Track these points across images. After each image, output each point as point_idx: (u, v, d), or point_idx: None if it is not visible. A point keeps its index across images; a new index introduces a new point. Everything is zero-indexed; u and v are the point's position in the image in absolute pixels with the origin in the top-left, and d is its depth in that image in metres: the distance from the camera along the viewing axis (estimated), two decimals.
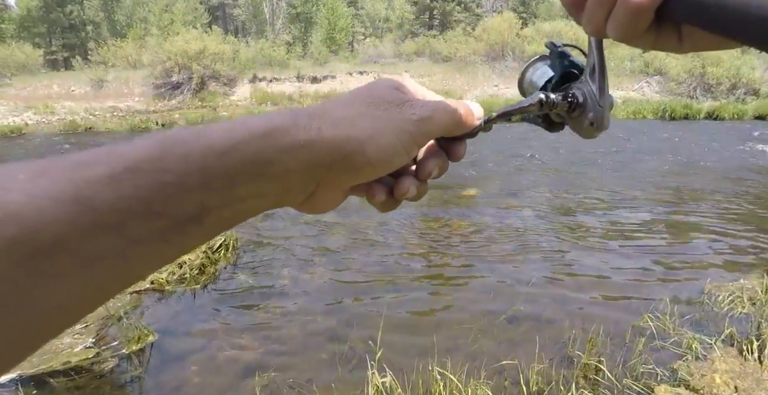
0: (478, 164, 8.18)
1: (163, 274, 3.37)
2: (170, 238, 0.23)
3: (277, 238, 4.43)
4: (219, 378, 2.55)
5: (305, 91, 17.42)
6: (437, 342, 2.86)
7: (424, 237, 4.60)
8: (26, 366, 2.54)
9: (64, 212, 0.20)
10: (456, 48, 26.73)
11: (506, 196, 6.13)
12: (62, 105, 15.47)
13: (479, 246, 4.39)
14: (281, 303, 3.28)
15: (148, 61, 18.50)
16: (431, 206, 5.62)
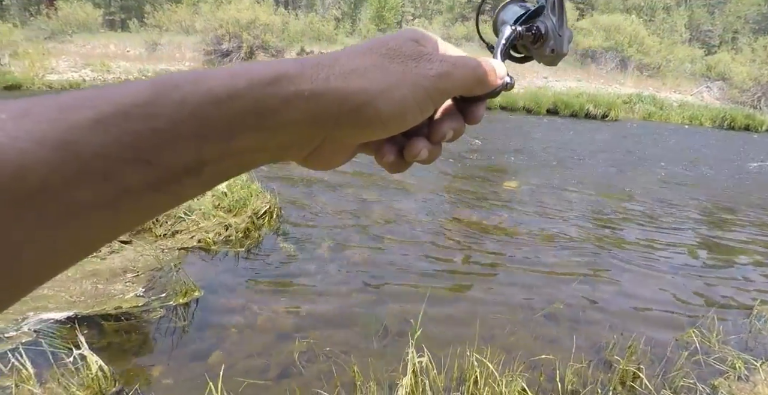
0: (521, 154, 7.99)
1: (210, 234, 3.47)
2: (164, 188, 0.22)
3: (318, 211, 4.48)
4: (257, 339, 2.63)
5: None
6: (473, 329, 2.85)
7: (464, 225, 4.55)
8: (82, 307, 2.68)
9: (49, 157, 0.18)
10: None
11: (549, 192, 5.98)
12: (118, 64, 15.95)
13: (519, 240, 4.32)
14: (319, 274, 3.33)
15: (200, 27, 18.76)
16: (472, 195, 5.54)
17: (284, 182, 5.19)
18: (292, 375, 2.37)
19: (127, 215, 0.21)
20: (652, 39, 25.72)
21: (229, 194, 3.78)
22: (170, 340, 2.57)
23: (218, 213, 3.62)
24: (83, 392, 2.09)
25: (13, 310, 2.68)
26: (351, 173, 5.86)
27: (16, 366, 2.17)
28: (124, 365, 2.35)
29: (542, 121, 12.31)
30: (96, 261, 3.10)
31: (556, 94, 14.69)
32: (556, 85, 18.41)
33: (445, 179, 6.16)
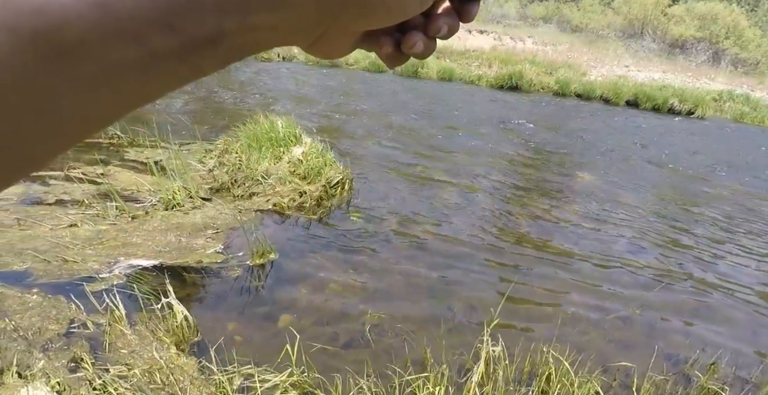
0: (596, 146, 7.54)
1: (285, 199, 3.52)
2: (186, 57, 0.23)
3: (387, 186, 4.44)
4: (326, 307, 2.66)
5: None
6: (546, 324, 2.75)
7: (536, 213, 4.36)
8: (167, 257, 2.81)
9: (87, 14, 0.19)
10: (589, 18, 24.34)
11: (626, 189, 5.61)
12: None
13: (594, 235, 4.09)
14: (387, 250, 3.31)
15: None
16: (545, 183, 5.31)
17: (356, 155, 5.19)
18: (360, 346, 2.39)
19: (152, 83, 0.23)
20: (753, 31, 23.28)
21: (304, 162, 3.81)
22: (244, 298, 2.65)
23: (294, 179, 3.66)
24: (169, 338, 2.20)
25: (105, 254, 2.85)
26: (420, 154, 5.77)
27: (110, 307, 2.32)
28: (201, 317, 2.45)
29: (620, 112, 11.53)
30: (179, 215, 3.24)
31: (638, 85, 13.67)
32: (638, 75, 17.15)
33: (518, 164, 5.92)
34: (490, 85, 12.21)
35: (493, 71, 13.28)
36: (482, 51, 16.77)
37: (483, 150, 6.34)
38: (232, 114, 6.68)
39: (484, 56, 15.82)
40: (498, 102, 10.45)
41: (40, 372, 1.96)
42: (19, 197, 3.60)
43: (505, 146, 6.74)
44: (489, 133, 7.44)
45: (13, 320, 2.36)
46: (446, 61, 14.10)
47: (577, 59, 17.96)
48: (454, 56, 15.63)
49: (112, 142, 4.80)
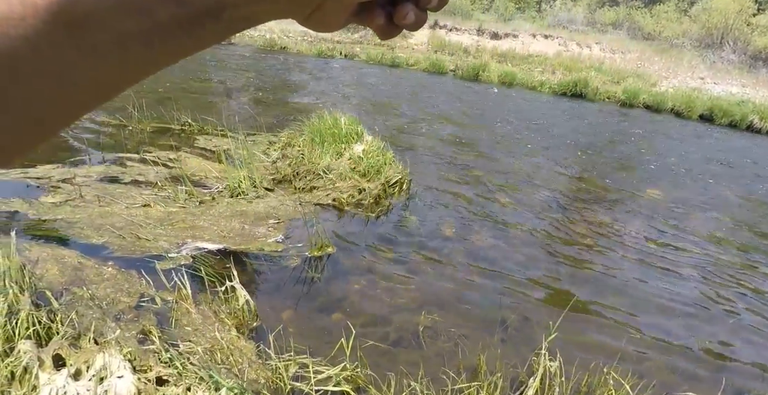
0: (666, 161, 7.11)
1: (344, 195, 3.57)
2: (190, 29, 0.24)
3: (444, 189, 4.40)
4: (378, 305, 2.66)
5: (483, 46, 16.66)
6: (606, 346, 2.62)
7: (599, 227, 4.18)
8: (230, 242, 2.92)
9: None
10: (663, 26, 23.03)
11: (697, 210, 5.25)
12: (265, 24, 16.99)
13: (660, 255, 3.86)
14: (442, 253, 3.28)
15: None
16: (609, 196, 5.07)
17: (412, 156, 5.18)
18: (412, 347, 2.37)
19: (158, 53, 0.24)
20: None
21: (364, 159, 3.84)
22: (301, 289, 2.71)
23: (354, 176, 3.70)
24: (230, 320, 2.29)
25: (174, 235, 3.00)
26: (478, 158, 5.67)
27: (178, 285, 2.43)
28: (259, 303, 2.52)
29: (693, 127, 10.83)
30: (244, 203, 3.36)
31: (713, 99, 12.78)
32: (714, 88, 16.05)
33: (579, 175, 5.70)
34: (552, 92, 11.83)
35: (557, 78, 12.86)
36: (545, 56, 16.29)
37: (543, 158, 6.15)
38: (293, 108, 6.85)
39: (547, 62, 15.37)
40: (561, 110, 10.11)
41: (113, 340, 2.09)
42: (99, 176, 3.86)
43: (566, 156, 6.50)
44: (550, 141, 7.21)
45: (90, 289, 2.54)
46: (508, 65, 13.81)
47: (648, 69, 17.08)
48: (516, 60, 15.27)
49: (184, 129, 5.05)
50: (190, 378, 1.81)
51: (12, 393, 1.88)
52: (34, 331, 2.14)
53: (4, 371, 1.95)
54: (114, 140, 4.69)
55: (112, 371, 1.82)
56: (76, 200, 3.43)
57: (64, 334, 2.11)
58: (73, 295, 2.49)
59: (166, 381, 1.83)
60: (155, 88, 6.80)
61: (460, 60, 13.40)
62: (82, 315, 2.32)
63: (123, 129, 5.00)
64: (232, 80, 8.42)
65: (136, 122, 5.04)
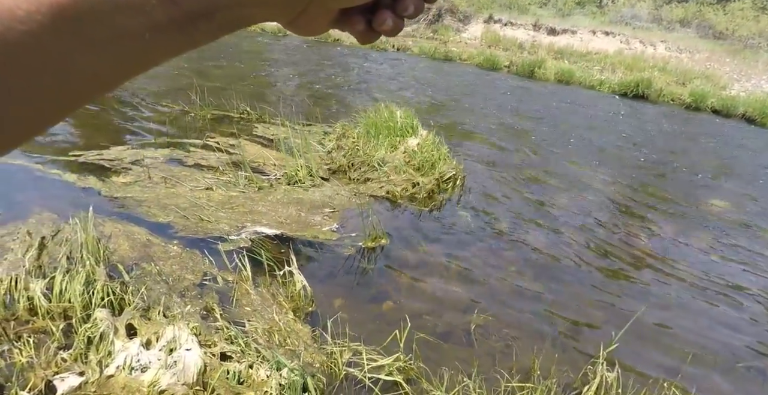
0: (734, 171, 6.67)
1: (398, 188, 3.58)
2: (184, 29, 0.25)
3: (499, 188, 4.33)
4: (429, 299, 2.66)
5: (539, 41, 16.15)
6: (667, 360, 2.50)
7: (659, 236, 3.98)
8: (287, 228, 3.01)
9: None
10: (737, 24, 21.45)
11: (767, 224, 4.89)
12: None
13: (727, 269, 3.63)
14: (494, 252, 3.23)
15: None
16: (670, 205, 4.81)
17: (466, 152, 5.12)
18: (463, 344, 2.36)
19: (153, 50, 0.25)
20: None
21: (419, 154, 3.83)
22: (354, 278, 2.75)
23: (408, 170, 3.71)
24: (287, 304, 2.36)
25: (235, 218, 3.12)
26: (532, 157, 5.53)
27: (239, 266, 2.53)
28: (314, 289, 2.58)
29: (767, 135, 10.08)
30: (300, 191, 3.45)
31: None
32: None
33: (639, 179, 5.45)
34: (612, 92, 11.32)
35: (618, 77, 12.29)
36: (605, 54, 15.60)
37: (600, 159, 5.91)
38: (346, 100, 6.92)
39: (607, 60, 14.72)
40: (620, 111, 9.67)
41: (180, 314, 2.20)
42: (165, 159, 4.06)
43: (625, 159, 6.22)
44: (607, 143, 6.92)
45: (157, 265, 2.68)
46: (565, 62, 13.33)
47: (717, 70, 16.00)
48: (574, 58, 14.71)
49: (242, 117, 5.22)
50: (251, 356, 1.88)
51: (89, 356, 2.03)
52: (109, 301, 2.29)
53: (82, 336, 2.11)
54: (178, 126, 4.92)
55: (181, 343, 1.92)
56: (144, 181, 3.63)
57: (136, 305, 2.25)
58: (143, 270, 2.64)
59: (230, 357, 1.92)
60: (214, 77, 7.06)
61: (514, 56, 13.05)
62: (150, 289, 2.46)
63: (186, 115, 5.22)
64: (287, 71, 8.61)
65: (198, 109, 5.26)
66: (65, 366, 2.02)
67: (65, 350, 2.07)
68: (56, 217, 3.10)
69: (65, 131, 4.62)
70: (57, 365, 2.02)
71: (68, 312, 2.29)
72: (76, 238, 2.73)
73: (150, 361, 1.90)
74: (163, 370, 1.87)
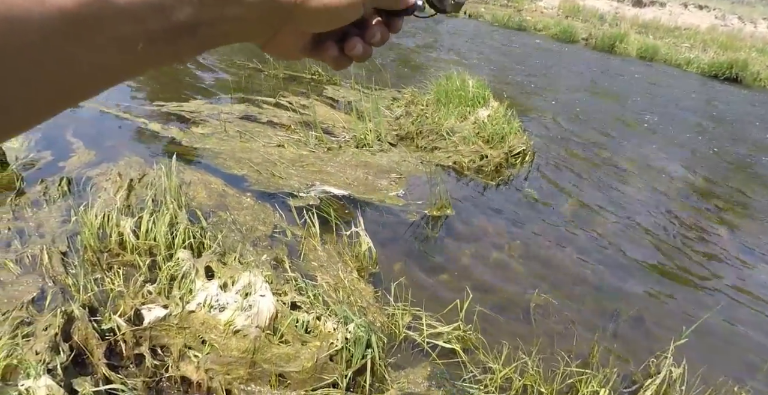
0: None
1: (466, 159, 3.53)
2: (171, 41, 0.28)
3: (569, 166, 4.16)
4: (489, 273, 2.66)
5: (622, 13, 14.94)
6: (735, 365, 2.39)
7: (741, 236, 3.71)
8: (354, 190, 3.06)
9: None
10: None
11: None
12: None
13: None
14: (559, 234, 3.15)
15: None
16: (756, 209, 4.44)
17: (535, 128, 4.93)
18: (520, 321, 2.36)
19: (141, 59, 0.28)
20: None
21: (489, 125, 3.73)
22: (417, 245, 2.78)
23: (477, 141, 3.63)
24: (353, 263, 2.43)
25: (304, 176, 3.21)
26: (605, 138, 5.24)
27: (308, 222, 2.62)
28: (377, 251, 2.64)
29: None
30: (367, 155, 3.48)
31: None
32: None
33: (721, 173, 5.04)
34: (701, 72, 10.36)
35: (708, 56, 11.19)
36: (696, 30, 14.21)
37: (680, 146, 5.51)
38: (414, 66, 6.79)
39: (698, 37, 13.40)
40: (709, 94, 8.87)
41: (254, 262, 2.33)
42: (240, 114, 4.20)
43: (707, 148, 5.76)
44: (690, 128, 6.41)
45: (231, 214, 2.83)
46: (650, 37, 12.28)
47: None
48: (660, 33, 13.51)
49: (313, 77, 5.27)
50: (320, 308, 1.98)
51: (173, 292, 2.21)
52: (189, 244, 2.46)
53: (166, 273, 2.29)
54: (252, 83, 5.04)
55: (255, 289, 2.04)
56: (221, 134, 3.79)
57: (214, 250, 2.40)
58: (219, 217, 2.80)
59: (299, 307, 2.03)
60: None
61: (594, 28, 12.16)
62: (226, 236, 2.61)
63: (260, 73, 5.33)
64: None
65: (272, 67, 5.34)
66: (151, 298, 2.21)
67: (151, 283, 2.26)
68: (142, 161, 3.31)
69: (150, 83, 4.86)
70: (143, 296, 2.21)
71: (153, 250, 2.48)
72: (160, 183, 2.92)
73: (227, 302, 2.04)
74: (239, 312, 2.01)
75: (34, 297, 2.19)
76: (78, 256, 2.40)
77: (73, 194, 2.95)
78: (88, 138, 3.57)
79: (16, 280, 2.28)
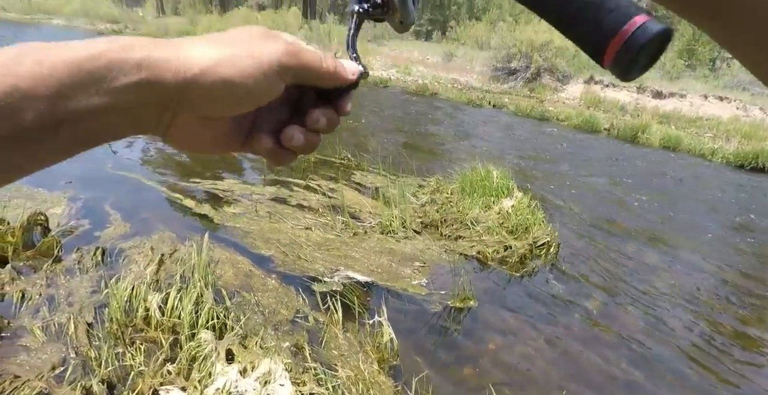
0: None
1: (490, 249, 3.56)
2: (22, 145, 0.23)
3: (596, 258, 4.12)
4: (511, 371, 2.55)
5: (643, 104, 15.50)
6: None
7: None
8: (378, 277, 3.09)
9: None
10: None
11: None
12: (417, 69, 18.23)
13: None
14: (586, 330, 3.04)
15: (494, 44, 19.74)
16: None
17: (563, 218, 4.97)
18: None
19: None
20: None
21: (513, 216, 3.80)
22: (438, 337, 2.72)
23: (501, 231, 3.68)
24: (374, 354, 2.39)
25: (330, 260, 3.28)
26: (633, 229, 5.21)
27: (331, 309, 2.63)
28: (398, 342, 2.59)
29: None
30: (392, 241, 3.55)
31: None
32: None
33: (757, 268, 4.87)
34: (726, 162, 10.41)
35: (732, 146, 11.32)
36: (719, 120, 14.52)
37: (712, 239, 5.40)
38: (441, 154, 7.10)
39: (720, 127, 13.68)
40: (735, 185, 8.84)
41: (275, 348, 2.33)
42: (270, 195, 4.42)
43: (743, 241, 5.62)
44: (720, 219, 6.32)
45: (256, 295, 2.88)
46: (672, 127, 12.61)
47: None
48: (682, 123, 13.88)
49: (343, 162, 5.57)
50: None
51: (192, 374, 2.20)
52: (212, 324, 2.49)
53: (187, 353, 2.30)
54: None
55: (275, 378, 2.02)
56: (251, 214, 3.97)
57: (236, 332, 2.42)
58: (243, 298, 2.85)
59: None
60: None
61: (615, 118, 12.62)
62: (248, 318, 2.64)
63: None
64: (386, 121, 9.08)
65: None
66: (170, 378, 2.20)
67: (171, 362, 2.26)
68: (174, 237, 3.47)
69: (189, 160, 5.23)
70: (163, 376, 2.20)
71: (177, 328, 2.51)
72: (189, 259, 3.03)
73: (246, 389, 2.01)
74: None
75: (55, 367, 2.21)
76: (103, 328, 2.44)
77: (106, 264, 3.07)
78: (126, 210, 3.79)
79: (40, 347, 2.32)
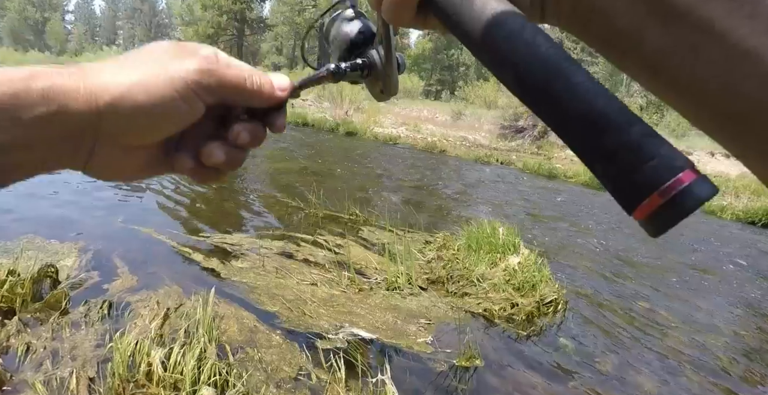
0: None
1: (496, 307, 3.52)
2: None
3: (605, 313, 4.03)
4: None
5: None
6: None
7: None
8: (383, 334, 3.06)
9: None
10: None
11: None
12: (426, 127, 18.92)
13: None
14: (594, 389, 2.92)
15: (502, 103, 20.57)
16: None
17: (571, 275, 4.93)
18: None
19: None
20: None
21: (520, 273, 3.80)
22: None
23: (507, 289, 3.66)
24: None
25: (334, 317, 3.27)
26: (645, 291, 5.13)
27: (334, 367, 2.59)
28: None
29: None
30: (398, 298, 3.54)
31: None
32: None
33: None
34: (736, 219, 10.33)
35: (742, 203, 11.29)
36: (727, 177, 14.60)
37: (727, 297, 5.25)
38: (448, 211, 7.20)
39: (729, 184, 13.72)
40: (747, 242, 8.71)
41: None
42: (278, 250, 4.48)
43: (760, 299, 5.46)
44: (736, 278, 6.18)
45: (259, 352, 2.85)
46: None
47: None
48: None
49: (351, 218, 5.66)
50: None
51: None
52: (214, 381, 2.46)
53: None
54: (291, 220, 5.47)
55: None
56: (258, 268, 4.01)
57: (237, 390, 2.38)
58: (246, 354, 2.82)
59: None
60: (328, 177, 7.85)
61: None
62: (251, 374, 2.60)
63: (300, 211, 5.81)
64: (394, 177, 9.30)
65: (312, 206, 5.83)
66: None
67: None
68: (181, 291, 3.49)
69: (200, 214, 5.37)
70: None
71: (178, 384, 2.47)
72: (195, 313, 3.04)
73: None
74: None
75: None
76: (105, 383, 2.42)
77: (112, 317, 3.08)
78: (134, 263, 3.85)
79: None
